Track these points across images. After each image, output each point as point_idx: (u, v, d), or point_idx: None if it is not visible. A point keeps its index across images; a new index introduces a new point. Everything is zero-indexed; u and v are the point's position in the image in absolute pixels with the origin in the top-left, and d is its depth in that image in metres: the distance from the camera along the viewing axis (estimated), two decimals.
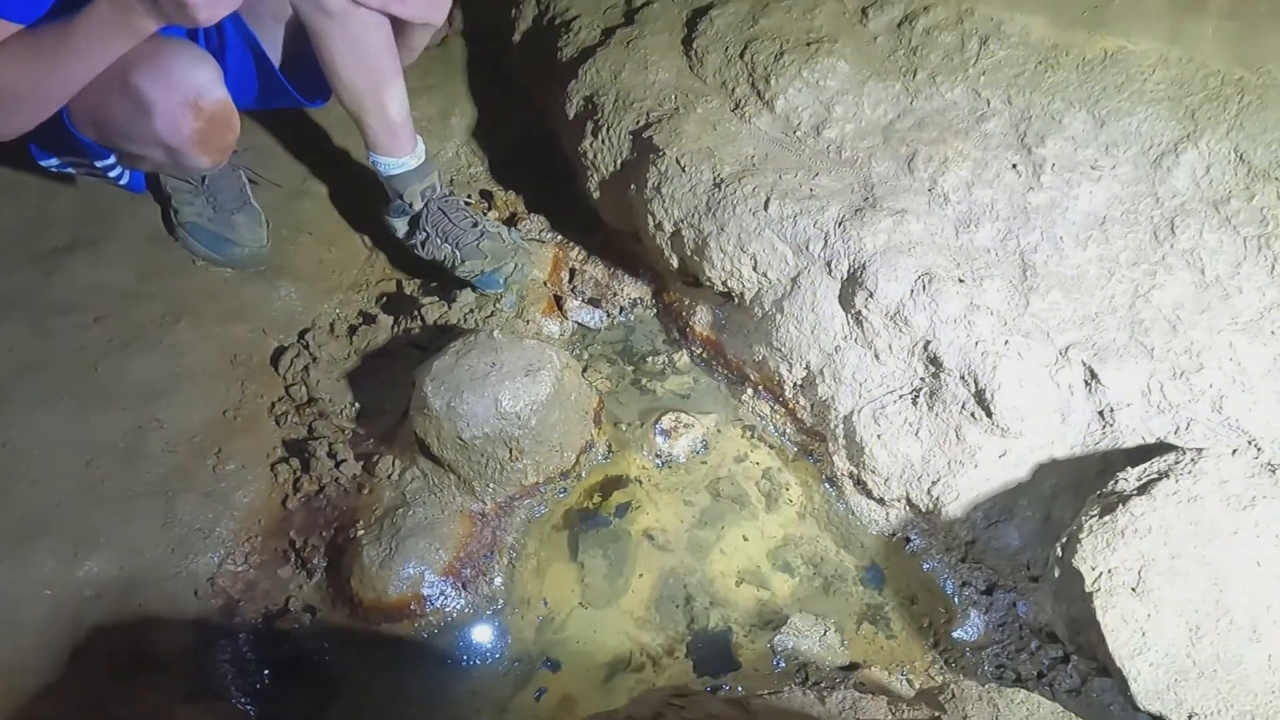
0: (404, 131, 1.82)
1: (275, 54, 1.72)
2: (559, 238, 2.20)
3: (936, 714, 1.08)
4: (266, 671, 1.49)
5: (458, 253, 1.89)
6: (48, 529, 1.49)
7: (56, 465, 1.56)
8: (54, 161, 1.66)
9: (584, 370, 1.91)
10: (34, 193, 1.93)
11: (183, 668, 1.45)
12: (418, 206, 1.90)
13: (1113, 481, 1.37)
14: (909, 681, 1.39)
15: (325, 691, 1.49)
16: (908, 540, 1.62)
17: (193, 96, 1.41)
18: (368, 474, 1.70)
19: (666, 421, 1.80)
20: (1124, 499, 1.32)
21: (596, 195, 2.00)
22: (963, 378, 1.53)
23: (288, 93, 1.74)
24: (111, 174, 1.64)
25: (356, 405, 1.81)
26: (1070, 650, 1.35)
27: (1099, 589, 1.24)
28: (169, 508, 1.58)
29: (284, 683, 1.49)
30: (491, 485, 1.65)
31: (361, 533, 1.59)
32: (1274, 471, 1.31)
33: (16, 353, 1.67)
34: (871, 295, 1.58)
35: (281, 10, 1.64)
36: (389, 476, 1.68)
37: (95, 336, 1.72)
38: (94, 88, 1.37)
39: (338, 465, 1.70)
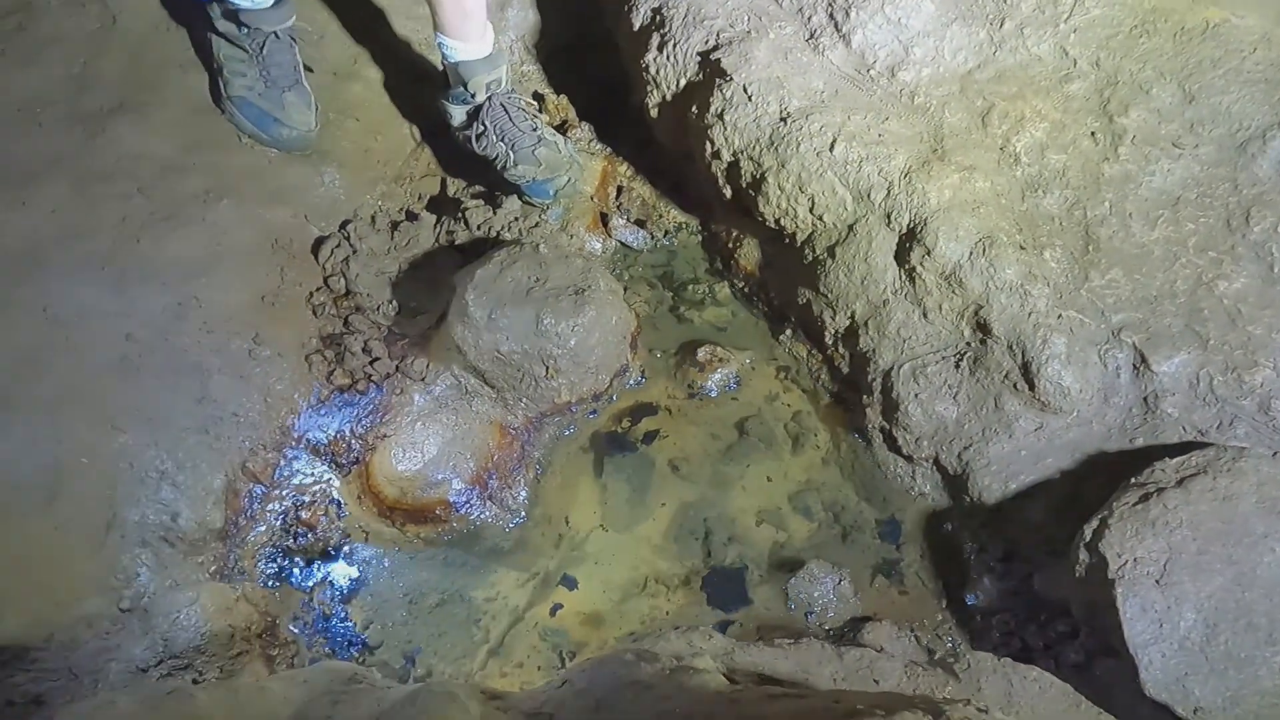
0: (476, 16, 1.75)
1: None
2: (608, 150, 2.15)
3: (950, 681, 1.11)
4: (293, 559, 1.52)
5: (512, 154, 1.84)
6: (87, 399, 1.50)
7: (95, 336, 1.56)
8: None
9: (623, 291, 1.89)
10: (83, 48, 1.87)
11: (211, 548, 1.49)
12: (480, 98, 1.84)
13: (1149, 470, 1.37)
14: (917, 639, 1.42)
15: (349, 584, 1.53)
16: (930, 499, 1.63)
17: None
18: (401, 374, 1.70)
19: (702, 354, 1.79)
20: (1159, 490, 1.32)
21: (654, 113, 1.94)
22: (1010, 347, 1.52)
23: None
24: None
25: (394, 303, 1.80)
26: (1082, 628, 1.38)
27: (1122, 576, 1.25)
28: (204, 387, 1.59)
29: (309, 571, 1.52)
30: (524, 400, 1.65)
31: (391, 433, 1.61)
32: None
33: (59, 216, 1.65)
34: (929, 253, 1.55)
35: None
36: (422, 379, 1.68)
37: (138, 207, 1.70)
38: None
39: (372, 362, 1.70)
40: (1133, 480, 1.37)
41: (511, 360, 1.59)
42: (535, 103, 2.23)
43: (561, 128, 2.17)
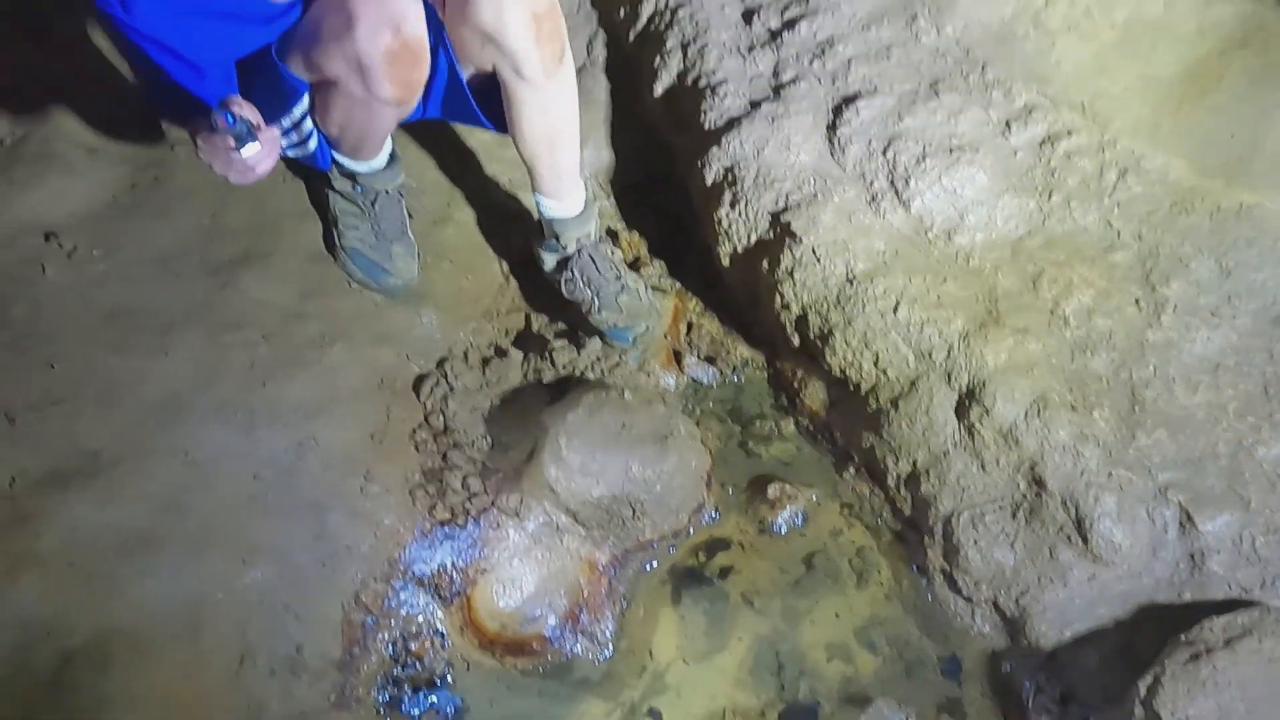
0: (570, 180, 1.93)
1: (467, 70, 1.77)
2: (678, 285, 2.32)
3: None
4: (402, 687, 1.66)
5: (597, 300, 2.01)
6: (220, 537, 1.66)
7: (228, 477, 1.73)
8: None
9: (698, 428, 2.04)
10: (210, 201, 2.08)
11: (329, 676, 1.63)
12: (570, 250, 2.02)
13: (1198, 628, 1.48)
14: None
15: (452, 711, 1.66)
16: (990, 639, 1.74)
17: (397, 18, 1.45)
18: (497, 509, 1.85)
19: (772, 491, 1.93)
20: (1208, 649, 1.44)
21: (725, 261, 2.12)
22: (1064, 502, 1.65)
23: (472, 112, 1.80)
24: (305, 126, 1.69)
25: (488, 438, 1.96)
26: None
27: None
28: (322, 523, 1.74)
29: (417, 699, 1.66)
30: (611, 537, 1.80)
31: (490, 568, 1.75)
32: None
33: (195, 364, 1.83)
34: (987, 413, 1.69)
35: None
36: (516, 514, 1.83)
37: (263, 354, 1.88)
38: (313, 14, 1.51)
39: (470, 498, 1.85)
40: (1183, 638, 1.48)
41: (602, 504, 1.74)
42: (610, 239, 2.42)
43: (634, 264, 2.35)
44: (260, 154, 1.43)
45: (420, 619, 1.73)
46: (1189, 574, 1.59)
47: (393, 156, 1.95)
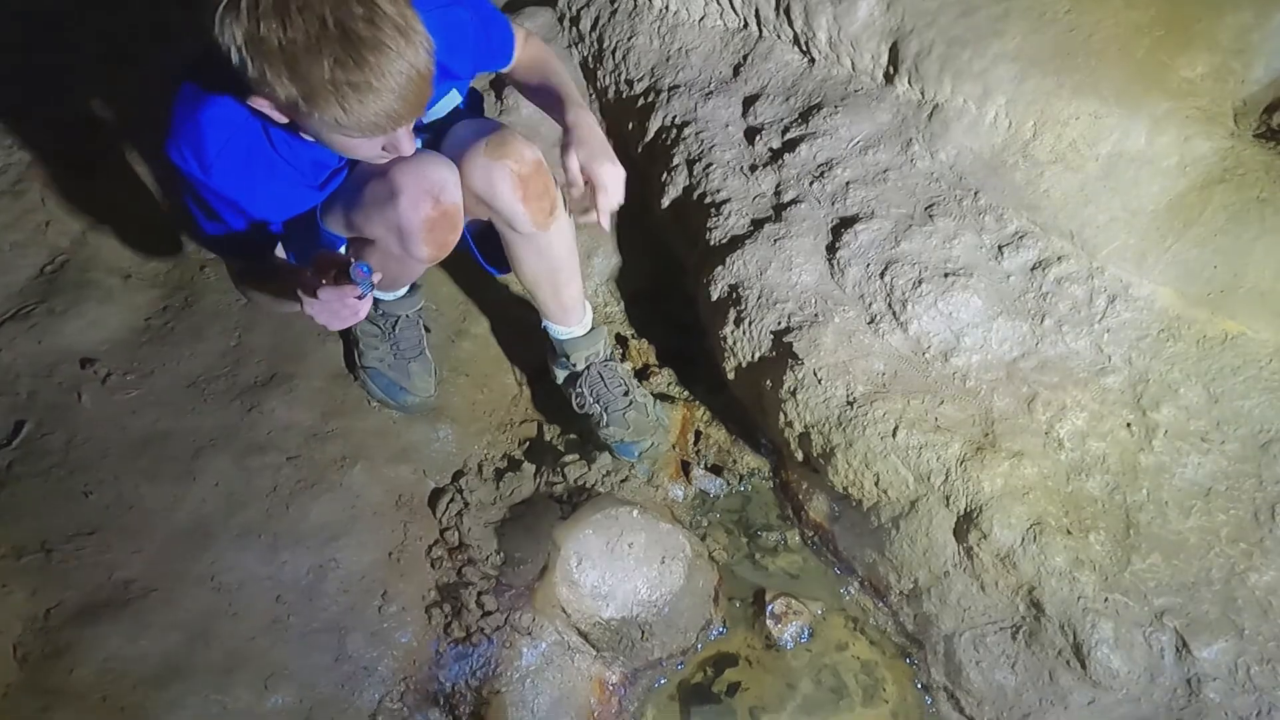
0: (574, 308, 2.03)
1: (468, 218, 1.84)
2: (686, 394, 2.39)
3: None
4: None
5: (605, 415, 2.10)
6: (244, 664, 1.72)
7: (252, 602, 1.79)
8: None
9: (702, 538, 2.10)
10: (237, 321, 2.18)
11: None
12: (580, 366, 2.11)
13: None
14: None
15: None
16: None
17: (436, 190, 1.58)
18: (510, 627, 1.91)
19: (778, 606, 1.98)
20: None
21: (731, 375, 2.19)
22: (1062, 628, 1.69)
23: (475, 259, 1.95)
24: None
25: (501, 553, 2.02)
26: None
27: None
28: (341, 645, 1.80)
29: None
30: (621, 657, 1.85)
31: (503, 689, 1.80)
32: None
33: (223, 489, 1.91)
34: (985, 537, 1.74)
35: None
36: (529, 633, 1.89)
37: (287, 476, 1.96)
38: (354, 179, 1.66)
39: (485, 615, 1.91)
40: None
41: (611, 625, 1.79)
42: (620, 346, 2.50)
43: (643, 371, 2.44)
44: (368, 301, 1.52)
45: None
46: (1186, 700, 1.63)
47: (414, 285, 2.05)
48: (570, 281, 1.97)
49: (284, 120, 1.43)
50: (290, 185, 1.62)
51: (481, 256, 1.95)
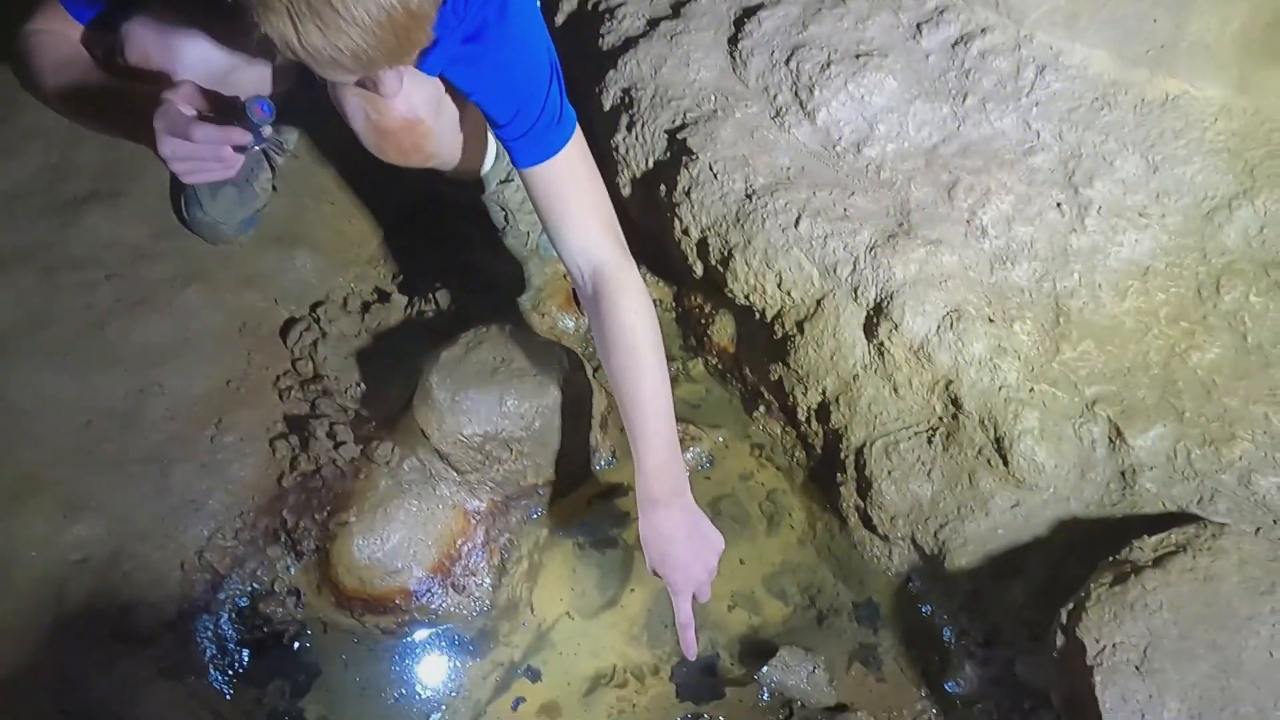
0: (472, 167, 1.81)
1: None
2: None
3: None
4: (246, 652, 1.48)
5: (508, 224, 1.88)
6: (41, 489, 1.48)
7: (55, 424, 1.55)
8: None
9: (595, 370, 1.87)
10: (61, 139, 1.90)
11: (162, 642, 1.44)
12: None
13: (1127, 549, 1.32)
14: None
15: (303, 678, 1.47)
16: (908, 581, 1.57)
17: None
18: (366, 458, 1.67)
19: None
20: (1137, 569, 1.27)
21: (625, 192, 1.95)
22: (982, 422, 1.48)
23: None
24: None
25: (362, 386, 1.79)
26: (1063, 718, 1.31)
27: (1101, 663, 1.20)
28: (164, 476, 1.57)
29: (262, 665, 1.47)
30: (489, 484, 1.62)
31: (353, 519, 1.57)
32: None
33: (24, 305, 1.65)
34: (896, 328, 1.53)
35: None
36: (387, 463, 1.65)
37: (104, 294, 1.70)
38: None
39: (337, 447, 1.67)
40: (1110, 559, 1.31)
41: (474, 443, 1.56)
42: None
43: None
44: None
45: (272, 578, 1.55)
46: (1120, 494, 1.43)
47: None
48: (467, 159, 1.72)
49: None
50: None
51: None
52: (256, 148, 1.23)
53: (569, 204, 1.38)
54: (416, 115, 1.43)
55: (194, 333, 1.72)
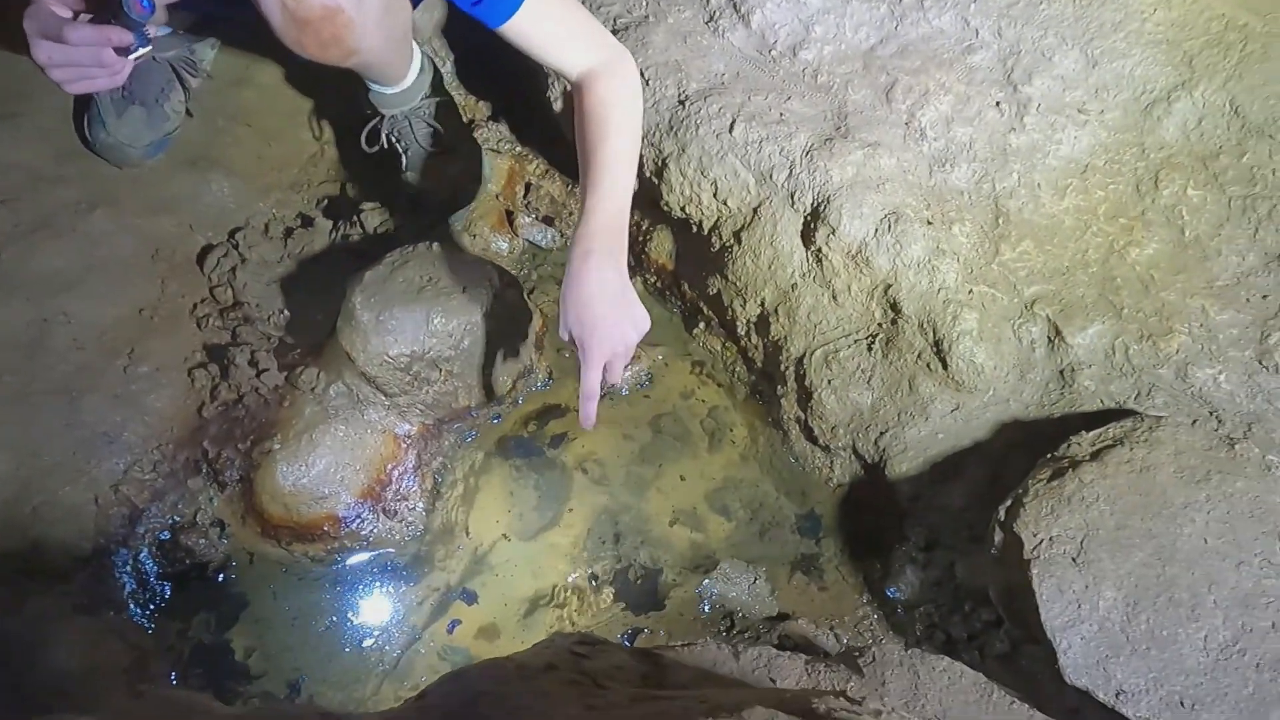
0: (396, 76, 1.70)
1: None
2: (518, 149, 2.07)
3: (852, 677, 1.03)
4: (168, 586, 1.42)
5: (405, 158, 1.78)
6: None
7: None
8: None
9: (531, 291, 1.81)
10: None
11: (76, 578, 1.38)
12: (387, 115, 1.78)
13: (1065, 445, 1.31)
14: (836, 636, 1.34)
15: (229, 609, 1.42)
16: (850, 491, 1.55)
17: None
18: (290, 385, 1.60)
19: None
20: (1075, 464, 1.26)
21: (558, 106, 1.87)
22: (921, 326, 1.45)
23: None
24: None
25: (285, 313, 1.71)
26: (1003, 614, 1.31)
27: (1038, 556, 1.18)
28: (73, 408, 1.49)
29: (186, 598, 1.42)
30: (419, 406, 1.56)
31: (278, 447, 1.51)
32: (1232, 445, 1.24)
33: None
34: (834, 232, 1.49)
35: None
36: (312, 389, 1.58)
37: (1, 220, 1.60)
38: None
39: (259, 374, 1.60)
40: (1049, 455, 1.30)
41: (401, 364, 1.50)
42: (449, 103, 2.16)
43: (470, 125, 2.10)
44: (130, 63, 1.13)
45: (194, 510, 1.48)
46: (1059, 394, 1.41)
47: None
48: (397, 58, 1.61)
49: None
50: None
51: None
52: (141, 50, 1.14)
53: (552, 41, 1.37)
54: (336, 3, 1.34)
55: (100, 259, 1.63)
